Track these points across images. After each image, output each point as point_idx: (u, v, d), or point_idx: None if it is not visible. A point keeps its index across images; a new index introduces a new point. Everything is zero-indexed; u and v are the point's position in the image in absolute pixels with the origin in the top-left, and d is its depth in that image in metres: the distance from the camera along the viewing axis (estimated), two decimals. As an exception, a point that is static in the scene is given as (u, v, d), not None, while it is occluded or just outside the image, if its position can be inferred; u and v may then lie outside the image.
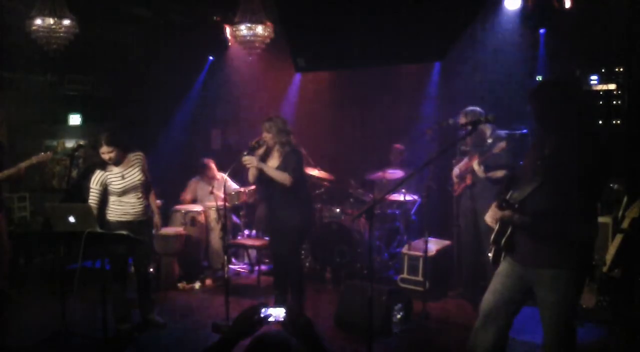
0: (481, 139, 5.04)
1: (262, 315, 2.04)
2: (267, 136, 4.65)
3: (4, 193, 5.19)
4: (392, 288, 4.70)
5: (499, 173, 4.85)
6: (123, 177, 4.47)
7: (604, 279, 4.43)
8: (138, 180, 4.51)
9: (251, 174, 4.73)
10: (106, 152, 4.36)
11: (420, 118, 6.78)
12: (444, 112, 6.22)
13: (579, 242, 2.73)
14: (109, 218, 4.50)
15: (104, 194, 4.50)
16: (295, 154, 4.67)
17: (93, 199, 4.44)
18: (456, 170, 5.23)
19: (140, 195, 4.54)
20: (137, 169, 4.52)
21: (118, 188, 4.46)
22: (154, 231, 4.89)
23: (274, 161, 4.71)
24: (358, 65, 7.07)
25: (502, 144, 4.75)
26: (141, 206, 4.56)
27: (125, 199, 4.49)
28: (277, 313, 2.05)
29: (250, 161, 4.57)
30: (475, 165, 4.98)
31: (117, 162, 4.45)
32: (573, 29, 5.51)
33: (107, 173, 4.47)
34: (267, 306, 2.05)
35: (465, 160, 5.15)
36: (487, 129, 4.99)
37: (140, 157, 4.58)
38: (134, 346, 4.36)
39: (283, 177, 4.57)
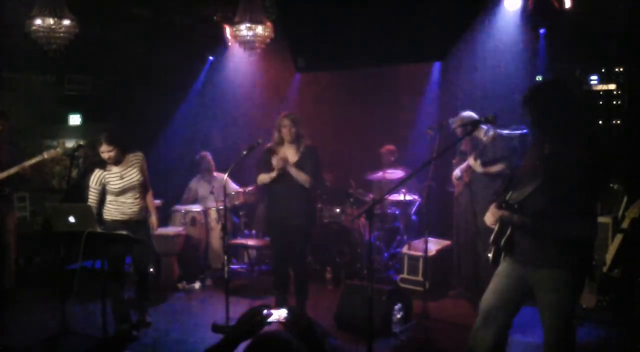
0: (477, 141, 5.05)
1: (263, 316, 2.04)
2: (284, 131, 4.62)
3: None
4: (392, 288, 4.70)
5: (496, 167, 4.88)
6: (121, 177, 4.47)
7: (604, 279, 4.42)
8: (136, 180, 4.52)
9: (267, 177, 4.67)
10: (106, 151, 4.37)
11: (420, 118, 6.78)
12: (444, 112, 6.23)
13: (579, 242, 2.73)
14: (106, 217, 4.51)
15: (103, 193, 4.51)
16: (315, 152, 4.65)
17: (92, 198, 4.46)
18: (457, 173, 5.24)
19: (137, 195, 4.55)
20: (135, 170, 4.52)
21: (116, 188, 4.46)
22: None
23: (291, 158, 4.67)
24: (358, 65, 7.06)
25: (491, 133, 4.75)
26: (138, 206, 4.56)
27: (122, 198, 4.50)
28: (278, 314, 2.05)
29: (282, 162, 4.51)
30: (472, 160, 5.01)
31: (116, 161, 4.45)
32: (573, 29, 5.51)
33: (106, 172, 4.47)
34: (268, 307, 2.06)
35: (467, 163, 5.16)
36: (481, 131, 4.94)
37: (139, 157, 4.59)
38: (134, 346, 4.36)
39: (305, 179, 4.57)
